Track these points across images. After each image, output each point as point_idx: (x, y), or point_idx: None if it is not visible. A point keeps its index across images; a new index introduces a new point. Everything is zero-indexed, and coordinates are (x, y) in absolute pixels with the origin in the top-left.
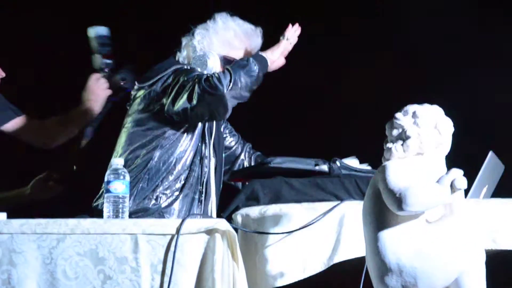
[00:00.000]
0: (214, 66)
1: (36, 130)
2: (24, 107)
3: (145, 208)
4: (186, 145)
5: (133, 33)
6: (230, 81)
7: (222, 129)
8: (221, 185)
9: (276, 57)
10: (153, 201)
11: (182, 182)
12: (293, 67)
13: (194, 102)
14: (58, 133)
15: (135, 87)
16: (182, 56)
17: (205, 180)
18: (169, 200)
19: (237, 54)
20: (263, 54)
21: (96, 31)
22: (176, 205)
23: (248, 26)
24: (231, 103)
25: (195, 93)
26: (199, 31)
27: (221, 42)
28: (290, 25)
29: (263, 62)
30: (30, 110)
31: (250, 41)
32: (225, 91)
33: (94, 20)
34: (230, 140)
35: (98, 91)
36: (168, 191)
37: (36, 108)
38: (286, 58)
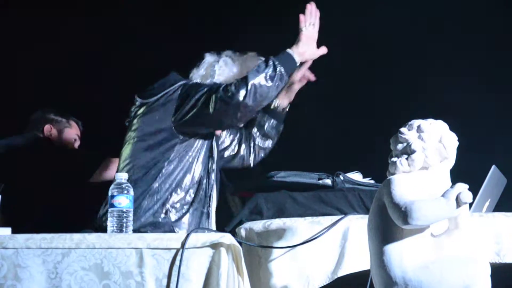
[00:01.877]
0: None
1: None
2: None
3: (155, 222)
4: (193, 159)
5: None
6: (247, 89)
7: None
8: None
9: (303, 49)
10: (163, 215)
11: (192, 196)
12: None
13: (211, 110)
14: None
15: (137, 103)
16: (198, 72)
17: (212, 193)
18: (179, 214)
19: None
20: (288, 50)
21: None
22: (186, 219)
23: None
24: (255, 106)
25: (212, 101)
26: (225, 58)
27: (239, 76)
28: (304, 14)
29: (287, 58)
30: None
31: None
32: (240, 99)
33: None
34: (229, 138)
35: None
36: (178, 205)
37: None
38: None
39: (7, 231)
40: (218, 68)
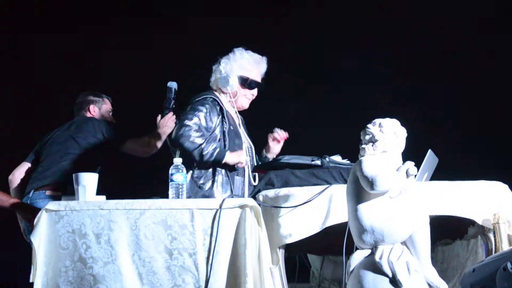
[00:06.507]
0: (233, 83)
1: (142, 146)
2: None
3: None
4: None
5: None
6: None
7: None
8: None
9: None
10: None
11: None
12: (296, 91)
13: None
14: (155, 146)
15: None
16: (213, 78)
17: (251, 165)
18: (224, 187)
19: (251, 74)
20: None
21: (170, 84)
22: (228, 190)
23: (257, 56)
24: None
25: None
26: (223, 60)
27: (238, 66)
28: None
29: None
30: None
31: (259, 65)
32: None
33: None
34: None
35: (171, 123)
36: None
37: None
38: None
39: (103, 197)
40: (222, 68)
